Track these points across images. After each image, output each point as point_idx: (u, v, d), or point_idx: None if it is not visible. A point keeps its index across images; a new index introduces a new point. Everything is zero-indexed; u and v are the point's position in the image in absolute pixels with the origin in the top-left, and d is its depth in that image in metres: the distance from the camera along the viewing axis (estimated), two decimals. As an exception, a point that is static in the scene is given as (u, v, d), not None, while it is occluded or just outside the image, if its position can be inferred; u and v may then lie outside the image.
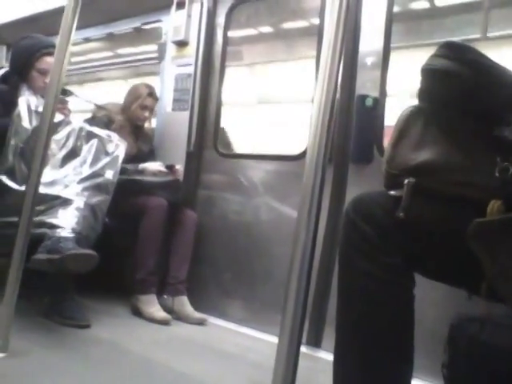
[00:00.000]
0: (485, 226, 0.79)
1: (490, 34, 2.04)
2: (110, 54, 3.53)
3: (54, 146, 1.98)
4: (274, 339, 0.93)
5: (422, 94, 0.94)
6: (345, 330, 0.94)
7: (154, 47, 2.94)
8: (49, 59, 2.18)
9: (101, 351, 1.66)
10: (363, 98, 2.03)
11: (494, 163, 0.80)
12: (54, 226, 1.80)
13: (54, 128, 1.88)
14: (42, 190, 1.67)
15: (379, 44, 2.05)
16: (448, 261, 0.89)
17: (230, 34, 2.69)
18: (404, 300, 0.91)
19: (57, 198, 1.89)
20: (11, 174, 1.93)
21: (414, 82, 0.98)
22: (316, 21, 2.33)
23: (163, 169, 2.46)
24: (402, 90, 2.23)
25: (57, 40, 1.54)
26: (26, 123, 1.97)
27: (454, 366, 0.89)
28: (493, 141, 0.83)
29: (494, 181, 0.80)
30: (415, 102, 0.97)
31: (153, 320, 2.14)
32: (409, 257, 0.90)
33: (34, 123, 1.97)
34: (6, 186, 1.90)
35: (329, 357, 1.01)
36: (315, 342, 2.03)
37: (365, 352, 0.90)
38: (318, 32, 2.20)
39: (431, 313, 1.64)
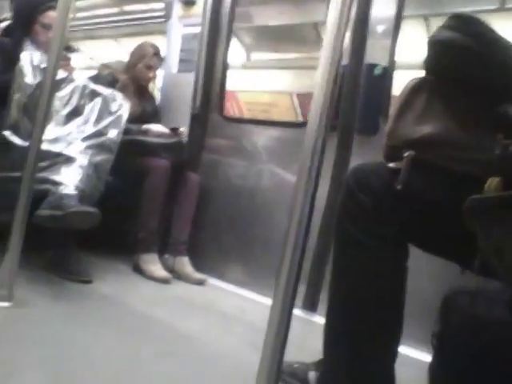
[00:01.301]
0: (481, 202, 0.79)
1: (508, 5, 1.97)
2: (115, 10, 3.44)
3: (57, 103, 1.97)
4: (270, 301, 0.95)
5: (428, 65, 0.93)
6: (337, 298, 0.97)
7: (161, 5, 2.86)
8: (53, 13, 2.12)
9: (101, 306, 1.71)
10: (372, 66, 1.99)
11: (494, 140, 0.80)
12: (56, 183, 1.81)
13: (58, 85, 1.87)
14: (46, 146, 1.67)
15: (391, 11, 1.99)
16: (443, 234, 0.90)
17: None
18: (396, 271, 0.93)
19: (60, 155, 1.89)
20: (15, 130, 1.93)
21: (424, 52, 0.96)
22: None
23: (167, 130, 2.45)
24: (411, 61, 2.18)
25: (61, -7, 1.50)
26: (29, 79, 1.95)
27: (443, 337, 0.91)
28: (495, 117, 0.82)
29: (494, 158, 0.80)
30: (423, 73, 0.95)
31: (153, 278, 2.19)
32: (404, 228, 0.91)
33: (38, 79, 1.95)
34: (10, 141, 1.91)
35: (323, 321, 1.04)
36: (311, 307, 2.08)
37: (354, 320, 0.93)
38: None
39: (424, 285, 1.66)
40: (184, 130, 2.51)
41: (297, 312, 0.95)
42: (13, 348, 1.22)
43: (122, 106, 2.14)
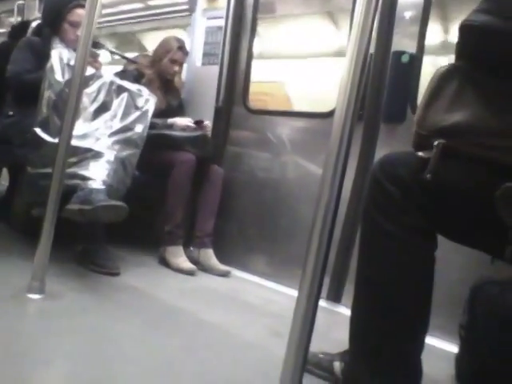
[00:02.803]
0: (514, 190, 0.77)
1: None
2: (140, 5, 3.47)
3: (85, 100, 2.01)
4: (295, 293, 0.95)
5: (460, 51, 0.90)
6: (363, 288, 0.96)
7: (185, -1, 2.88)
8: (80, 11, 2.17)
9: (129, 298, 1.75)
10: (399, 54, 1.95)
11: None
12: (85, 178, 1.85)
13: (86, 81, 1.90)
14: (74, 142, 1.71)
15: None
16: (473, 224, 0.88)
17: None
18: (424, 262, 0.92)
19: (88, 150, 1.93)
20: (45, 127, 1.98)
21: (455, 39, 0.93)
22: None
23: (192, 124, 2.47)
24: (440, 47, 2.12)
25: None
26: (58, 76, 1.99)
27: (471, 327, 0.90)
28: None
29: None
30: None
31: (179, 270, 2.22)
32: (433, 219, 0.90)
33: (67, 76, 1.99)
34: (41, 138, 1.95)
35: (348, 312, 1.04)
36: (335, 298, 2.07)
37: (382, 311, 0.92)
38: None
39: (453, 275, 1.63)
40: (208, 123, 2.52)
41: (321, 303, 0.94)
42: (46, 339, 1.26)
43: (148, 101, 2.17)
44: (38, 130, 1.98)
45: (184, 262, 2.24)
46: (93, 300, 1.64)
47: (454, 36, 0.90)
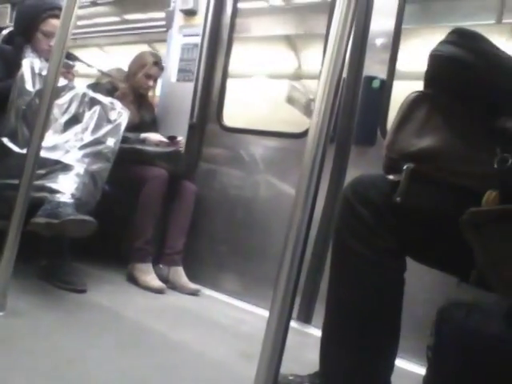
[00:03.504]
0: (479, 215, 0.79)
1: (504, 21, 2.00)
2: (116, 19, 3.46)
3: (56, 111, 1.97)
4: (265, 313, 0.94)
5: (429, 79, 0.94)
6: (334, 309, 0.96)
7: (162, 15, 2.89)
8: (54, 21, 2.14)
9: (96, 316, 1.69)
10: (370, 79, 2.01)
11: (493, 154, 0.80)
12: (53, 191, 1.81)
13: (57, 92, 1.87)
14: (44, 154, 1.67)
15: (390, 24, 2.02)
16: (441, 247, 0.90)
17: (240, 5, 2.64)
18: (394, 284, 0.93)
19: (58, 162, 1.88)
20: (13, 137, 1.93)
21: (424, 65, 0.97)
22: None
23: (165, 139, 2.46)
24: (410, 73, 2.20)
25: (63, 1, 1.51)
26: (29, 86, 1.95)
27: (438, 349, 0.91)
28: (494, 131, 0.83)
29: (492, 171, 0.80)
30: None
31: (148, 288, 2.17)
32: (403, 241, 0.92)
33: (38, 86, 1.95)
34: (8, 148, 1.90)
35: (318, 333, 1.04)
36: (305, 318, 2.07)
37: (352, 332, 0.93)
38: (330, 8, 2.15)
39: (420, 297, 1.66)
40: (182, 139, 2.52)
41: (292, 323, 0.94)
42: (5, 358, 1.20)
43: (121, 115, 2.15)
44: (5, 140, 1.92)
45: (153, 280, 2.20)
46: (56, 318, 1.58)
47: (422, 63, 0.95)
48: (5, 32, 2.42)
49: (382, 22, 2.06)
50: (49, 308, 1.66)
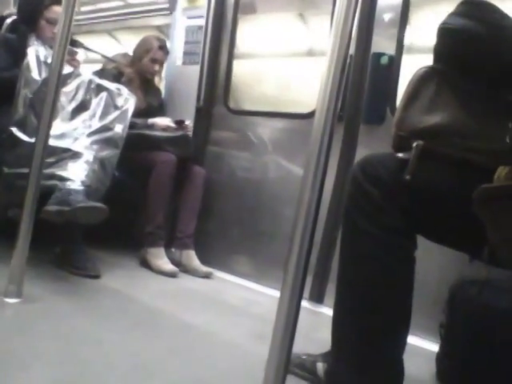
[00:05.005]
0: (491, 191, 0.78)
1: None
2: (120, 3, 3.42)
3: (63, 99, 1.98)
4: (277, 294, 0.95)
5: (438, 54, 0.91)
6: (344, 288, 0.97)
7: (165, -3, 2.85)
8: (57, 8, 2.12)
9: (110, 300, 1.72)
10: (378, 55, 1.97)
11: (505, 129, 0.79)
12: (63, 179, 1.82)
13: (64, 80, 1.86)
14: (52, 142, 1.67)
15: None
16: (452, 224, 0.89)
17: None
18: (405, 262, 0.93)
19: (67, 150, 1.90)
20: (22, 126, 1.94)
21: (433, 40, 0.94)
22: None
23: (172, 124, 2.45)
24: (419, 49, 2.15)
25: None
26: (35, 74, 1.95)
27: (451, 326, 0.91)
28: (505, 106, 0.81)
29: (504, 146, 0.79)
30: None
31: (160, 272, 2.20)
32: (412, 219, 0.91)
33: (44, 74, 1.95)
34: (17, 137, 1.91)
35: (330, 312, 1.04)
36: (318, 298, 2.08)
37: (363, 311, 0.93)
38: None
39: (432, 275, 1.66)
40: (189, 123, 2.50)
41: (304, 303, 0.94)
42: (22, 343, 1.23)
43: (128, 101, 2.14)
44: (14, 130, 1.93)
45: (165, 264, 2.22)
46: (72, 303, 1.61)
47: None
48: (9, 21, 2.41)
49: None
50: (64, 294, 1.69)
